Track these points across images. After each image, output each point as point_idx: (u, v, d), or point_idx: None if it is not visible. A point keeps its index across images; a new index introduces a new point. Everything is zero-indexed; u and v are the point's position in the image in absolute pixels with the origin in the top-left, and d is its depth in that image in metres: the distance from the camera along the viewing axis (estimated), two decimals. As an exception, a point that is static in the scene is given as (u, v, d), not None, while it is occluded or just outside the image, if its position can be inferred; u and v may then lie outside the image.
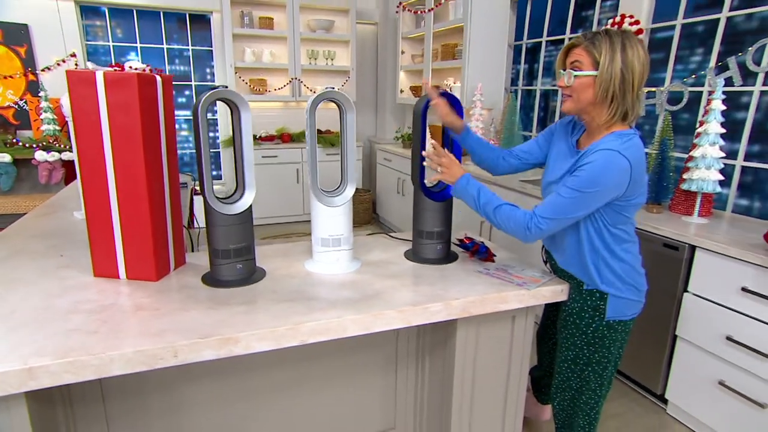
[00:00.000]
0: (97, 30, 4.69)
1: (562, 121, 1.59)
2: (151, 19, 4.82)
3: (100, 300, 1.30)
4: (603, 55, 1.27)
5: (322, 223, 1.50)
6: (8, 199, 4.06)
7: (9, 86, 4.34)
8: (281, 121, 5.27)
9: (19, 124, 4.41)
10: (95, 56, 4.72)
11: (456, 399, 1.52)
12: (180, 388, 1.48)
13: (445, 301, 1.32)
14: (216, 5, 4.82)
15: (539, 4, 3.76)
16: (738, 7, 2.46)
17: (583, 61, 1.30)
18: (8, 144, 4.08)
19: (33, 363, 0.98)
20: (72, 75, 1.31)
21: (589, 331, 1.47)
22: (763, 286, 1.76)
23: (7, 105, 4.36)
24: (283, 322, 1.18)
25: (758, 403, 1.80)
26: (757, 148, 2.42)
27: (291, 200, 5.13)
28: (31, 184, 4.33)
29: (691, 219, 2.23)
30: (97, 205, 1.39)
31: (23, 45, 4.32)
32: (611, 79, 1.27)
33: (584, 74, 1.30)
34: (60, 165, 4.15)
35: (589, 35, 1.31)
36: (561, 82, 1.38)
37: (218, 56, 5.05)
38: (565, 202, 1.32)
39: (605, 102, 1.31)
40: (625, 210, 1.36)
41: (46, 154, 4.01)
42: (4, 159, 3.95)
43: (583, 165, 1.30)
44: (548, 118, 3.85)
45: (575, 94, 1.35)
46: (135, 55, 4.85)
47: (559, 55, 1.40)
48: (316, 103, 1.42)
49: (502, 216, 1.42)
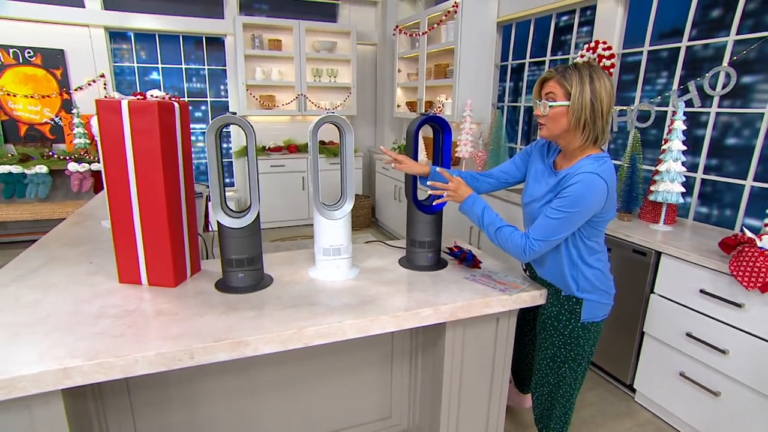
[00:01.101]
0: (123, 53, 4.70)
1: (537, 143, 1.60)
2: (171, 42, 4.83)
3: (124, 305, 1.31)
4: (574, 86, 1.28)
5: (323, 234, 1.52)
6: (45, 206, 4.08)
7: (46, 104, 4.36)
8: (288, 134, 5.28)
9: (55, 139, 4.43)
10: (121, 76, 4.74)
11: (445, 393, 1.53)
12: (198, 383, 1.50)
13: (434, 307, 1.33)
14: (230, 29, 4.84)
15: (523, 28, 3.77)
16: (696, 38, 2.48)
17: (556, 92, 1.32)
18: (45, 156, 4.10)
19: (67, 364, 1.00)
20: (100, 103, 1.32)
21: (566, 332, 1.48)
22: (719, 289, 1.78)
23: (44, 121, 4.39)
24: (288, 326, 1.20)
25: (713, 392, 1.82)
26: (715, 161, 2.44)
27: (297, 206, 5.14)
28: (64, 192, 4.35)
29: (658, 227, 2.25)
30: (121, 218, 1.41)
31: (59, 68, 4.34)
32: (582, 108, 1.29)
33: (558, 104, 1.32)
34: (90, 175, 4.16)
35: (560, 69, 1.32)
36: (538, 111, 1.38)
37: (231, 75, 5.06)
38: (554, 223, 1.33)
39: (578, 128, 1.33)
40: (599, 225, 1.38)
41: (77, 165, 4.03)
42: (42, 170, 3.97)
43: (567, 187, 1.31)
44: (531, 131, 3.87)
45: (550, 123, 1.36)
46: (157, 74, 4.87)
47: (534, 87, 1.41)
48: (318, 125, 1.43)
49: (502, 237, 1.42)
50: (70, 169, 4.05)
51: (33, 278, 1.48)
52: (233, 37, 4.81)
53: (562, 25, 3.48)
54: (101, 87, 4.50)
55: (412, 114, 4.68)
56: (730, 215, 2.38)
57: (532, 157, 1.58)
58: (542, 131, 1.41)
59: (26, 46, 4.21)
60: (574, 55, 3.29)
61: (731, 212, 2.38)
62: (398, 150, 4.92)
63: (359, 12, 5.36)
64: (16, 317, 1.21)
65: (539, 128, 1.42)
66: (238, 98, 4.95)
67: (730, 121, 2.36)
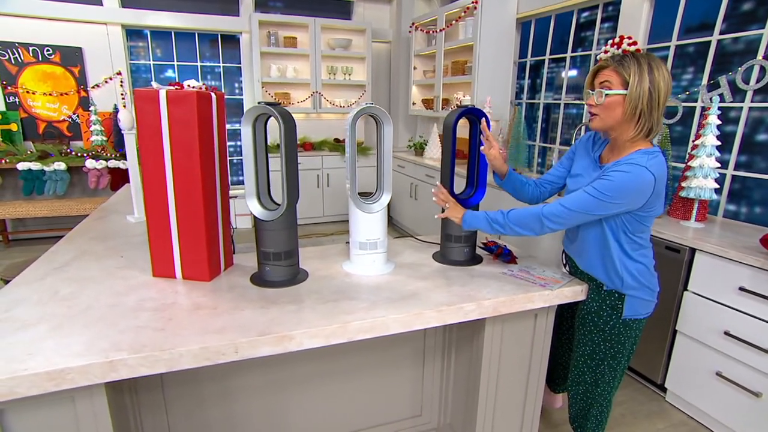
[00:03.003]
0: (139, 50, 4.69)
1: (581, 140, 1.56)
2: (186, 39, 4.82)
3: (161, 299, 1.29)
4: (632, 75, 1.24)
5: (360, 228, 1.49)
6: (63, 202, 4.08)
7: (64, 102, 4.37)
8: (303, 131, 5.25)
9: (72, 136, 4.43)
10: (137, 74, 4.74)
11: (482, 390, 1.49)
12: (229, 378, 1.48)
13: (477, 302, 1.30)
14: (245, 27, 4.82)
15: (542, 25, 3.73)
16: (726, 31, 2.43)
17: (612, 81, 1.28)
18: (63, 153, 4.10)
19: (113, 357, 0.97)
20: (138, 93, 1.30)
21: (606, 329, 1.44)
22: (760, 286, 1.73)
23: (62, 119, 4.39)
24: (332, 321, 1.17)
25: (753, 392, 1.77)
26: (744, 158, 2.38)
27: (312, 203, 5.12)
28: (81, 189, 4.35)
29: (689, 224, 2.20)
30: (157, 210, 1.39)
31: (77, 65, 4.34)
32: (639, 98, 1.24)
33: (615, 93, 1.27)
34: (106, 172, 4.16)
35: (617, 58, 1.28)
36: (591, 100, 1.34)
37: (246, 72, 5.04)
38: (588, 199, 1.29)
39: (633, 119, 1.28)
40: (646, 220, 1.33)
41: (95, 162, 4.03)
42: (60, 167, 3.97)
43: (613, 172, 1.26)
44: (549, 128, 3.82)
45: (604, 112, 1.31)
46: (172, 72, 4.86)
47: (587, 77, 1.36)
48: (356, 117, 1.40)
49: (515, 216, 1.40)
50: (88, 166, 4.05)
51: (67, 271, 1.46)
52: (249, 34, 4.80)
53: (582, 21, 3.43)
54: (118, 84, 4.50)
55: (427, 111, 4.64)
56: (760, 212, 2.33)
57: (577, 154, 1.54)
58: (594, 122, 1.35)
59: (45, 44, 4.21)
60: (597, 51, 3.24)
61: (761, 209, 2.33)
62: (414, 147, 4.88)
63: (374, 10, 5.33)
64: (57, 309, 1.18)
65: (590, 119, 1.37)
66: (253, 95, 4.93)
67: (761, 117, 2.31)
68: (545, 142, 3.84)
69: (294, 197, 1.37)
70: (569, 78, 3.54)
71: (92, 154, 4.10)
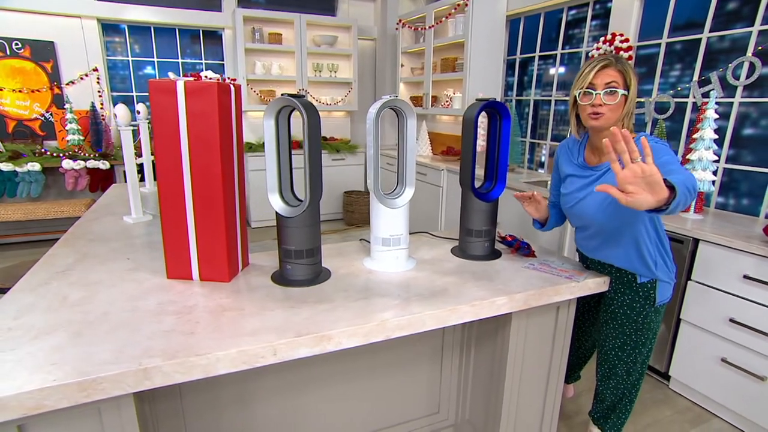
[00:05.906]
0: (116, 46, 4.50)
1: (559, 150, 1.59)
2: (166, 35, 4.66)
3: (182, 301, 1.22)
4: (632, 76, 1.30)
5: (383, 224, 1.45)
6: (38, 205, 3.86)
7: (36, 99, 4.14)
8: (289, 130, 5.15)
9: (45, 135, 4.21)
10: (114, 71, 4.54)
11: (508, 384, 1.49)
12: (247, 382, 1.42)
13: (509, 295, 1.28)
14: (228, 22, 4.70)
15: (531, 23, 3.77)
16: (713, 29, 2.51)
17: (618, 81, 1.30)
18: (37, 153, 3.89)
19: (147, 364, 0.91)
20: (153, 84, 1.23)
21: (639, 319, 1.47)
22: (765, 274, 1.78)
23: (34, 117, 4.16)
24: (368, 319, 1.13)
25: (758, 376, 1.83)
26: (732, 152, 2.47)
27: (300, 202, 5.03)
28: (57, 191, 4.14)
29: (688, 215, 2.25)
30: (173, 209, 1.31)
31: (49, 60, 4.12)
32: (635, 98, 1.32)
33: (623, 93, 1.31)
34: (85, 172, 3.97)
35: (613, 57, 1.32)
36: (597, 100, 1.31)
37: (229, 69, 4.91)
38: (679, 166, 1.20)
39: (624, 119, 1.34)
40: None
41: (72, 162, 3.84)
42: (35, 168, 3.76)
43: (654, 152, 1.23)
44: (538, 125, 3.87)
45: (611, 112, 1.31)
46: (152, 69, 4.69)
47: (585, 75, 1.33)
48: (380, 111, 1.36)
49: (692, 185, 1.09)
50: (65, 166, 3.86)
51: (72, 275, 1.37)
52: (232, 30, 4.67)
53: (570, 19, 3.48)
54: (94, 81, 4.30)
55: (416, 109, 4.63)
56: (748, 204, 2.42)
57: (561, 167, 1.57)
58: (598, 120, 1.33)
59: (14, 38, 3.98)
60: (588, 48, 3.30)
61: (748, 201, 2.42)
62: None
63: (358, 6, 5.29)
64: (72, 315, 1.10)
65: (594, 117, 1.33)
66: (237, 93, 4.80)
67: (748, 112, 2.40)
68: (534, 138, 3.88)
69: (318, 193, 1.32)
70: (559, 75, 3.59)
71: (69, 154, 3.90)
